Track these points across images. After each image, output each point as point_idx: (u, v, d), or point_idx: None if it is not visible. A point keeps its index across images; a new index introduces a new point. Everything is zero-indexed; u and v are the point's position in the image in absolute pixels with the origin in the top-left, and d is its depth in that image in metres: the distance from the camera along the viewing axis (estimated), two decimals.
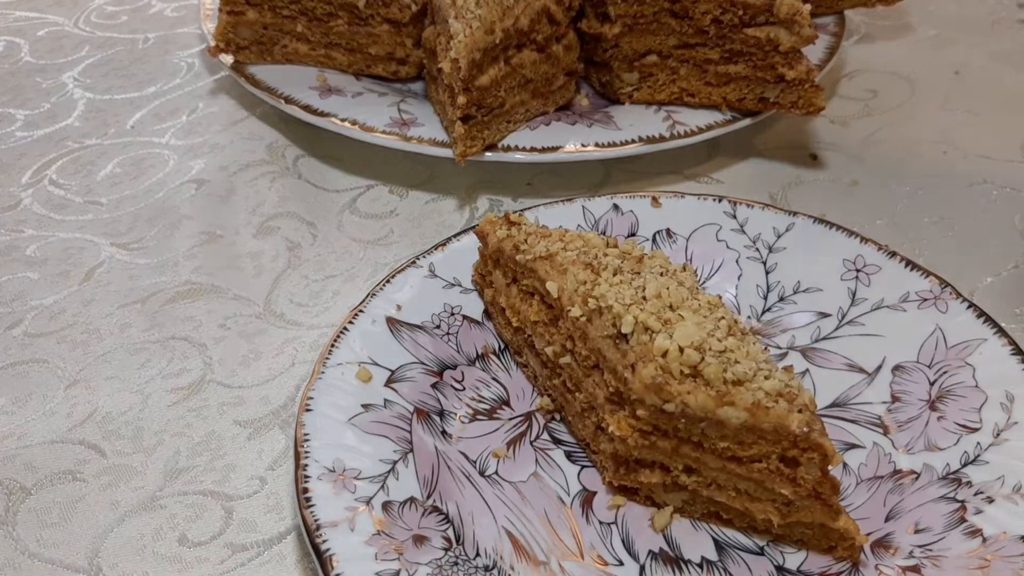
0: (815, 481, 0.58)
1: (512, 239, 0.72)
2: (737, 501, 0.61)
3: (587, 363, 0.65)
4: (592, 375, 0.65)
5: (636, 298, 0.63)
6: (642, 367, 0.59)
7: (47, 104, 1.14)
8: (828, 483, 0.58)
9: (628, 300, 0.62)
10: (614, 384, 0.62)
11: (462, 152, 0.91)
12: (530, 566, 0.61)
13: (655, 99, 1.01)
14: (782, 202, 0.96)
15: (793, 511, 0.60)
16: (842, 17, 1.16)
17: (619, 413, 0.62)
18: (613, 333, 0.62)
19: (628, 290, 0.63)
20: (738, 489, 0.61)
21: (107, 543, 0.65)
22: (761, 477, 0.59)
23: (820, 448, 0.56)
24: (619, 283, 0.64)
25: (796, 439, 0.57)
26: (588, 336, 0.64)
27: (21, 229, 0.94)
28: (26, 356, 0.79)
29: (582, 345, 0.65)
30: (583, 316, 0.64)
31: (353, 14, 1.03)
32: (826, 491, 0.58)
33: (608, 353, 0.62)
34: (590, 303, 0.63)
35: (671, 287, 0.63)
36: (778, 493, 0.59)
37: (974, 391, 0.67)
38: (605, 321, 0.62)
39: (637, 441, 0.61)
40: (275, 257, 0.89)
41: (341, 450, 0.63)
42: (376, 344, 0.71)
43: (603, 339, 0.62)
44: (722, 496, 0.62)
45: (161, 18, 1.32)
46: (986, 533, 0.59)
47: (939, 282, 0.74)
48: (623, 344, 0.61)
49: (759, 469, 0.59)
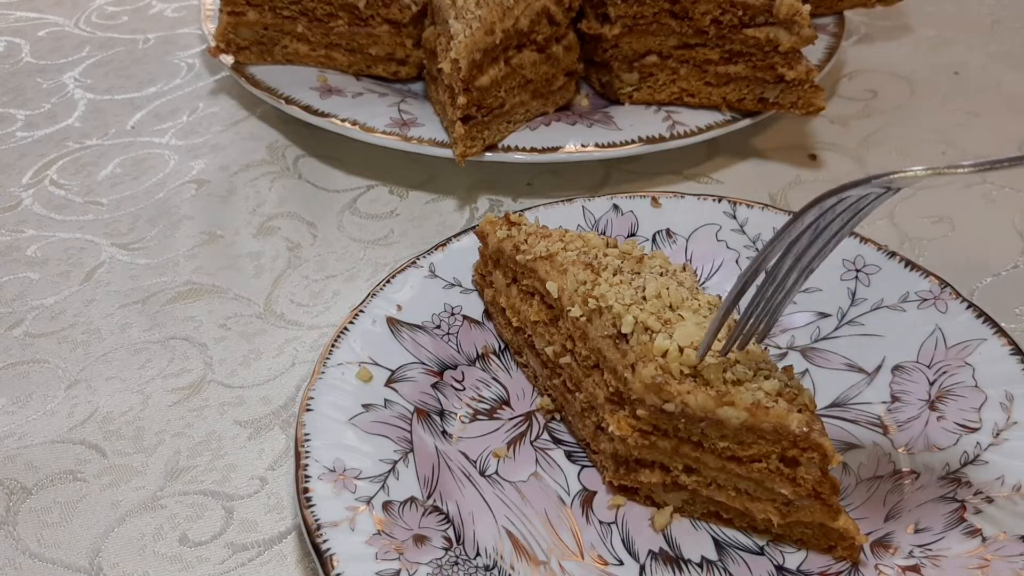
0: (815, 481, 0.58)
1: (512, 239, 0.72)
2: (737, 501, 0.61)
3: (587, 363, 0.65)
4: (592, 375, 0.65)
5: (636, 298, 0.63)
6: (642, 367, 0.59)
7: (48, 104, 1.14)
8: (827, 483, 0.58)
9: (628, 300, 0.63)
10: (614, 384, 0.62)
11: (462, 152, 0.91)
12: (530, 566, 0.61)
13: (655, 99, 1.01)
14: (781, 202, 0.96)
15: (793, 511, 0.60)
16: (842, 17, 1.16)
17: (619, 413, 0.62)
18: (613, 333, 0.62)
19: (628, 290, 0.64)
20: (738, 489, 0.61)
21: (108, 543, 0.65)
22: (761, 477, 0.60)
23: (819, 448, 0.56)
24: (619, 283, 0.64)
25: (796, 439, 0.57)
26: (588, 336, 0.64)
27: (22, 229, 0.94)
28: (27, 356, 0.79)
29: (582, 345, 0.65)
30: (583, 316, 0.64)
31: (353, 15, 1.03)
32: (825, 491, 0.58)
33: (608, 353, 0.62)
34: (590, 303, 0.64)
35: (671, 287, 0.63)
36: (778, 493, 0.59)
37: (974, 391, 0.67)
38: (605, 321, 0.63)
39: (637, 441, 0.61)
40: (275, 257, 0.89)
41: (341, 450, 0.63)
42: (376, 344, 0.71)
43: (603, 339, 0.63)
44: (722, 496, 0.62)
45: (161, 18, 1.32)
46: (985, 533, 0.59)
47: (939, 282, 0.74)
48: (623, 344, 0.61)
49: (759, 469, 0.59)
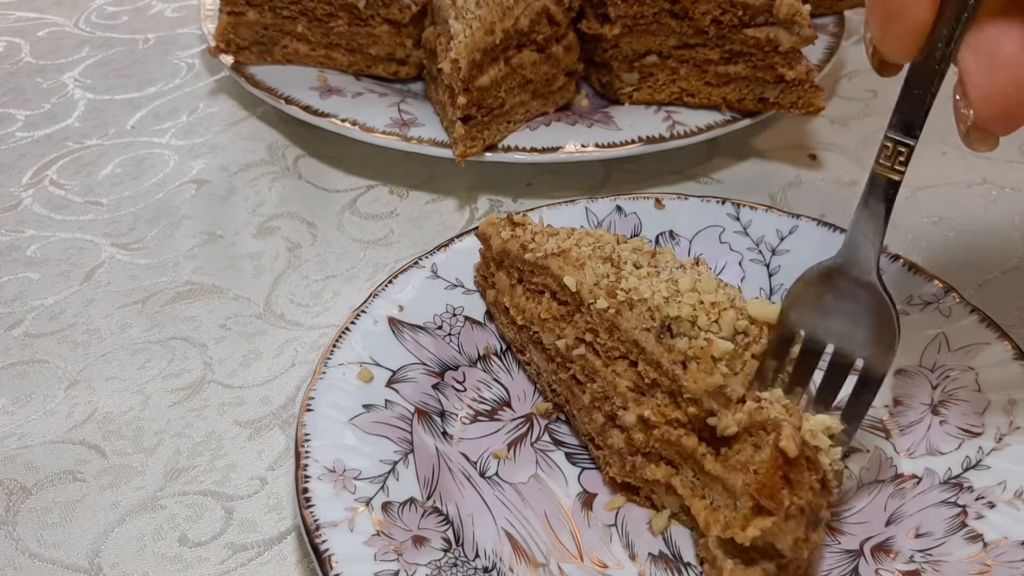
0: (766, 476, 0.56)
1: (518, 239, 0.72)
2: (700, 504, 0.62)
3: (612, 354, 0.65)
4: (615, 365, 0.65)
5: (671, 291, 0.63)
6: (704, 371, 0.59)
7: (47, 104, 1.13)
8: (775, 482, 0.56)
9: (666, 293, 0.63)
10: (652, 375, 0.62)
11: (462, 152, 0.91)
12: (529, 568, 0.60)
13: (655, 99, 1.01)
14: (781, 202, 0.96)
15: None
16: (842, 17, 1.16)
17: (651, 401, 0.62)
18: (654, 326, 0.62)
19: (660, 283, 0.63)
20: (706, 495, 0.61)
21: (107, 543, 0.65)
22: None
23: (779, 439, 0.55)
24: (646, 276, 0.64)
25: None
26: (619, 327, 0.63)
27: (21, 229, 0.94)
28: (26, 356, 0.79)
29: (607, 337, 0.65)
30: (611, 308, 0.64)
31: (353, 15, 1.03)
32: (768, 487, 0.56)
33: (648, 346, 0.62)
34: (619, 295, 0.63)
35: (703, 279, 0.63)
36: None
37: (976, 395, 0.67)
38: (641, 313, 0.62)
39: (664, 433, 0.61)
40: (275, 257, 0.89)
41: (341, 450, 0.63)
42: (378, 344, 0.71)
43: (641, 331, 0.62)
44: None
45: (161, 19, 1.32)
46: (987, 538, 0.59)
47: (942, 286, 0.74)
48: (667, 338, 0.61)
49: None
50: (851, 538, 0.62)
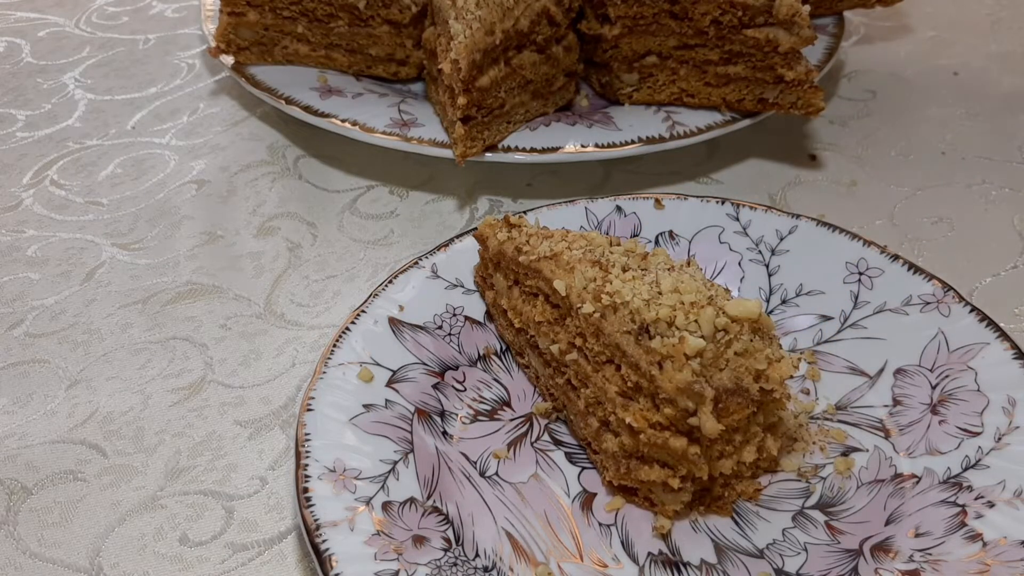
0: None
1: (513, 241, 0.72)
2: None
3: (599, 358, 0.65)
4: (603, 370, 0.65)
5: (652, 293, 0.63)
6: (676, 369, 0.59)
7: (48, 105, 1.14)
8: None
9: (646, 296, 0.62)
10: (634, 379, 0.62)
11: (462, 153, 0.91)
12: (529, 567, 0.61)
13: (655, 100, 1.01)
14: (781, 202, 0.96)
15: None
16: (841, 18, 1.16)
17: (634, 406, 0.62)
18: (633, 329, 0.62)
19: (642, 286, 0.63)
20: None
21: (108, 543, 0.65)
22: None
23: None
24: (631, 279, 0.64)
25: None
26: (603, 332, 0.63)
27: (22, 229, 0.94)
28: (27, 356, 0.79)
29: (595, 341, 0.65)
30: (596, 312, 0.64)
31: (353, 15, 1.03)
32: None
33: (629, 348, 0.62)
34: (603, 299, 0.63)
35: (685, 281, 0.63)
36: None
37: (976, 395, 0.67)
38: (623, 316, 0.62)
39: (650, 437, 0.61)
40: (275, 257, 0.89)
41: (342, 450, 0.63)
42: (378, 344, 0.71)
43: (622, 334, 0.62)
44: None
45: (162, 19, 1.32)
46: (986, 538, 0.59)
47: (942, 286, 0.74)
48: (645, 340, 0.61)
49: None
50: (850, 537, 0.62)
